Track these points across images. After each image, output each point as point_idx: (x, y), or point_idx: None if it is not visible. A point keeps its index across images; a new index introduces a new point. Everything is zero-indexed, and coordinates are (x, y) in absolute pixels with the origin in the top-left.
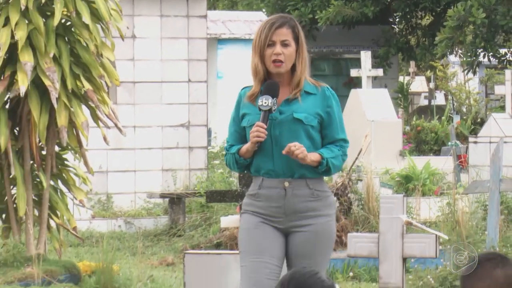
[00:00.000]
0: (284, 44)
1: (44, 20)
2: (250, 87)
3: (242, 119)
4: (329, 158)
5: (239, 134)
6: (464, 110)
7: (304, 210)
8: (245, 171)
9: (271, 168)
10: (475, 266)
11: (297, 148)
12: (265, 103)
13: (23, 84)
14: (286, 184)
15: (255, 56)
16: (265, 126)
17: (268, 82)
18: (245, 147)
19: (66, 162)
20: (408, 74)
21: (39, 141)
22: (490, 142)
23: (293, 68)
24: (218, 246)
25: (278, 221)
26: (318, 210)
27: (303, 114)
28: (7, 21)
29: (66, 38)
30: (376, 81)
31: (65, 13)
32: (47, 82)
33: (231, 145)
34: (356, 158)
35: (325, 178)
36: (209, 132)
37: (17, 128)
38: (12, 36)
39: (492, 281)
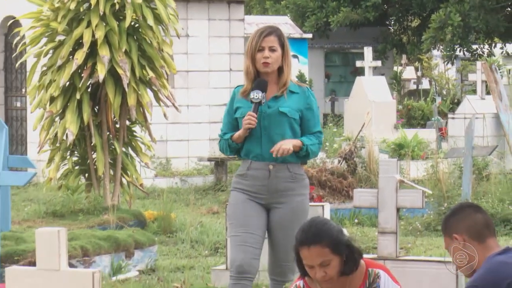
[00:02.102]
0: (272, 49)
1: (117, 22)
2: (242, 85)
3: (235, 112)
4: (309, 145)
5: (232, 124)
6: (444, 92)
7: (284, 190)
8: (235, 155)
9: (259, 153)
10: (458, 209)
11: (278, 148)
12: (256, 96)
13: (101, 72)
14: (271, 167)
15: (247, 59)
16: (256, 115)
17: (258, 79)
18: (238, 133)
19: (134, 133)
20: (401, 65)
21: (114, 117)
22: (465, 118)
23: (280, 70)
24: None
25: (262, 197)
26: (295, 190)
27: (288, 108)
28: (89, 24)
29: (135, 37)
30: (376, 71)
31: (134, 17)
32: (120, 71)
33: (224, 133)
34: (360, 130)
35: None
36: None
37: (97, 107)
38: (93, 35)
39: (474, 222)
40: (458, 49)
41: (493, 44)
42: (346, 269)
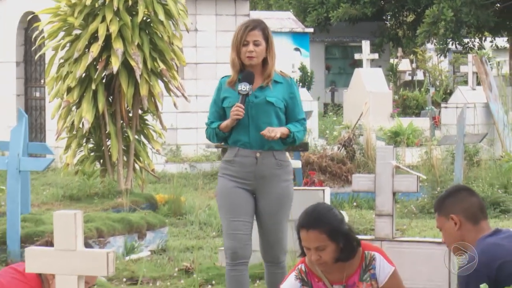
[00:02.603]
0: (256, 43)
1: (130, 18)
2: (229, 76)
3: (222, 101)
4: (295, 132)
5: (218, 113)
6: (438, 83)
7: (270, 176)
8: (222, 143)
9: (247, 141)
10: (455, 191)
11: (270, 132)
12: (244, 88)
13: (115, 64)
14: (258, 154)
15: (232, 52)
16: (243, 106)
17: (245, 71)
18: (225, 123)
19: (146, 121)
20: (397, 58)
21: (127, 106)
22: (457, 107)
23: (265, 61)
24: None
25: (249, 183)
26: (280, 176)
27: (274, 98)
28: (103, 19)
29: (146, 31)
30: (373, 63)
31: (146, 12)
32: (133, 63)
33: (211, 122)
34: (359, 119)
35: (338, 131)
36: None
37: (111, 97)
38: (107, 30)
39: (470, 204)
40: (451, 42)
41: (484, 38)
42: (342, 257)
